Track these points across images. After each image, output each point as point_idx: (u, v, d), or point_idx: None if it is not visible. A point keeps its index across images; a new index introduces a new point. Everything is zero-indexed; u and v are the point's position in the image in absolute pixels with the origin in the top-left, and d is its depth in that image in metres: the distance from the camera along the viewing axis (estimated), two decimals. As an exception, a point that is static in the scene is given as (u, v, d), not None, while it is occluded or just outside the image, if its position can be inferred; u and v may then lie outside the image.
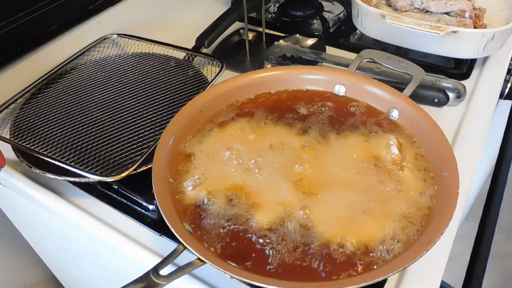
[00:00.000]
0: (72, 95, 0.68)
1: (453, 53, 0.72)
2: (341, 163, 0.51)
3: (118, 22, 0.83)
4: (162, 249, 0.52)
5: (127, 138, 0.59)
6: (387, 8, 0.80)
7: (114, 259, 0.58)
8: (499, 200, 0.75)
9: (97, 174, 0.53)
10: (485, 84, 0.73)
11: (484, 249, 0.67)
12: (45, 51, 0.73)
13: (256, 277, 0.39)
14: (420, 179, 0.49)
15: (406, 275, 0.48)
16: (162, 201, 0.45)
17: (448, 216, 0.42)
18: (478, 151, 0.62)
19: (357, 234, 0.44)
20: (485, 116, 0.68)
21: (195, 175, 0.50)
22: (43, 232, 0.72)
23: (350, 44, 0.84)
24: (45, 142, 0.59)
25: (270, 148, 0.53)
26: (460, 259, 0.79)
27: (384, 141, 0.53)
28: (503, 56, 0.78)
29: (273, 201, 0.47)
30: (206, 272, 0.49)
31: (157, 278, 0.40)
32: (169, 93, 0.67)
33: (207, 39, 0.76)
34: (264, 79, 0.60)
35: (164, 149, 0.50)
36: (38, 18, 0.70)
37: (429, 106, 0.68)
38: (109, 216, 0.56)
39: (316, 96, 0.60)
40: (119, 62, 0.74)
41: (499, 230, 1.54)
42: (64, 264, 0.83)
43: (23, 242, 0.83)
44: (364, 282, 0.38)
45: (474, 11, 0.76)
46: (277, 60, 0.75)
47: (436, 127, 0.51)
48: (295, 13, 0.93)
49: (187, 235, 0.43)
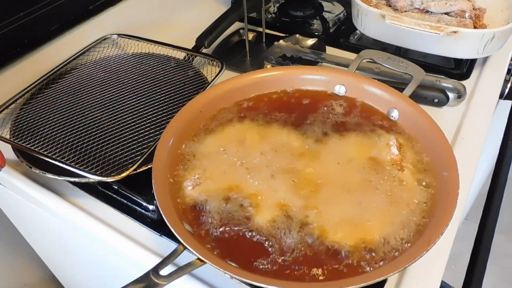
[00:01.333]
0: (72, 95, 0.68)
1: (453, 53, 0.72)
2: (341, 163, 0.51)
3: (118, 22, 0.83)
4: (162, 249, 0.52)
5: (127, 138, 0.59)
6: (387, 8, 0.80)
7: (114, 259, 0.58)
8: (499, 200, 0.75)
9: (97, 174, 0.53)
10: (485, 84, 0.73)
11: (484, 249, 0.67)
12: (45, 51, 0.73)
13: (256, 277, 0.39)
14: (420, 179, 0.49)
15: (406, 275, 0.48)
16: (162, 201, 0.45)
17: (448, 216, 0.42)
18: (478, 151, 0.62)
19: (357, 234, 0.44)
20: (485, 116, 0.68)
21: (195, 175, 0.50)
22: (43, 232, 0.72)
23: (350, 44, 0.84)
24: (45, 142, 0.59)
25: (270, 148, 0.53)
26: (460, 259, 0.79)
27: (384, 141, 0.53)
28: (503, 56, 0.78)
29: (273, 201, 0.47)
30: (206, 272, 0.49)
31: (157, 278, 0.40)
32: (169, 93, 0.67)
33: (207, 39, 0.76)
34: (264, 79, 0.60)
35: (164, 149, 0.50)
36: (38, 18, 0.70)
37: (429, 106, 0.68)
38: (109, 216, 0.56)
39: (316, 96, 0.60)
40: (119, 62, 0.74)
41: (499, 230, 1.53)
42: (64, 264, 0.83)
43: (23, 242, 0.83)
44: (364, 282, 0.38)
45: (474, 11, 0.76)
46: (277, 60, 0.75)
47: (436, 127, 0.51)
48: (295, 13, 0.93)
49: (187, 235, 0.43)
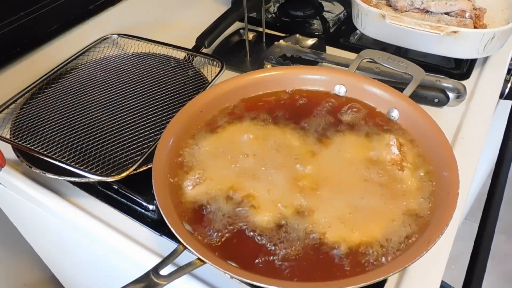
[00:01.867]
0: (72, 95, 0.68)
1: (453, 53, 0.72)
2: (341, 163, 0.51)
3: (118, 22, 0.83)
4: (162, 249, 0.52)
5: (127, 138, 0.59)
6: (387, 8, 0.80)
7: (114, 259, 0.58)
8: (499, 200, 0.75)
9: (97, 174, 0.53)
10: (485, 84, 0.73)
11: (484, 249, 0.67)
12: (45, 51, 0.73)
13: (256, 277, 0.39)
14: (420, 179, 0.49)
15: (406, 275, 0.48)
16: (162, 201, 0.45)
17: (448, 216, 0.42)
18: (478, 151, 0.62)
19: (357, 233, 0.44)
20: (485, 116, 0.68)
21: (195, 175, 0.50)
22: (43, 232, 0.72)
23: (350, 44, 0.84)
24: (45, 142, 0.59)
25: (270, 148, 0.53)
26: (460, 259, 0.79)
27: (384, 141, 0.53)
28: (503, 56, 0.78)
29: (273, 201, 0.47)
30: (206, 272, 0.49)
31: (157, 278, 0.40)
32: (169, 93, 0.67)
33: (207, 39, 0.76)
34: (264, 79, 0.60)
35: (164, 149, 0.50)
36: (38, 18, 0.70)
37: (429, 106, 0.68)
38: (109, 216, 0.56)
39: (316, 96, 0.60)
40: (119, 62, 0.74)
41: (499, 230, 1.53)
42: (64, 264, 0.83)
43: (23, 242, 0.83)
44: (364, 282, 0.38)
45: (474, 11, 0.76)
46: (277, 60, 0.75)
47: (436, 127, 0.51)
48: (295, 13, 0.93)
49: (187, 235, 0.43)
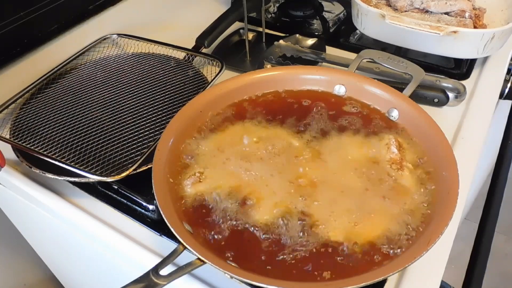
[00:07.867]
0: (72, 95, 0.68)
1: (453, 53, 0.72)
2: (341, 163, 0.51)
3: (118, 22, 0.83)
4: (162, 249, 0.52)
5: (127, 138, 0.59)
6: (387, 8, 0.80)
7: (114, 259, 0.58)
8: (499, 200, 0.75)
9: (97, 174, 0.53)
10: (485, 84, 0.73)
11: (484, 249, 0.67)
12: (45, 51, 0.73)
13: (256, 277, 0.39)
14: (419, 179, 0.49)
15: (406, 275, 0.48)
16: (162, 201, 0.45)
17: (448, 216, 0.42)
18: (478, 151, 0.62)
19: (357, 234, 0.44)
20: (485, 116, 0.68)
21: (195, 175, 0.50)
22: (43, 232, 0.72)
23: (350, 44, 0.84)
24: (45, 142, 0.59)
25: (270, 148, 0.53)
26: (460, 259, 0.79)
27: (384, 141, 0.53)
28: (503, 56, 0.78)
29: (273, 201, 0.47)
30: (206, 272, 0.49)
31: (157, 278, 0.40)
32: (169, 93, 0.67)
33: (207, 39, 0.76)
34: (264, 79, 0.60)
35: (164, 149, 0.50)
36: (38, 18, 0.70)
37: (429, 106, 0.68)
38: (109, 216, 0.56)
39: (316, 96, 0.60)
40: (119, 62, 0.74)
41: (499, 230, 1.54)
42: (64, 264, 0.83)
43: (23, 242, 0.83)
44: (364, 282, 0.38)
45: (474, 11, 0.76)
46: (277, 60, 0.75)
47: (436, 127, 0.51)
48: (295, 13, 0.93)
49: (187, 235, 0.43)
